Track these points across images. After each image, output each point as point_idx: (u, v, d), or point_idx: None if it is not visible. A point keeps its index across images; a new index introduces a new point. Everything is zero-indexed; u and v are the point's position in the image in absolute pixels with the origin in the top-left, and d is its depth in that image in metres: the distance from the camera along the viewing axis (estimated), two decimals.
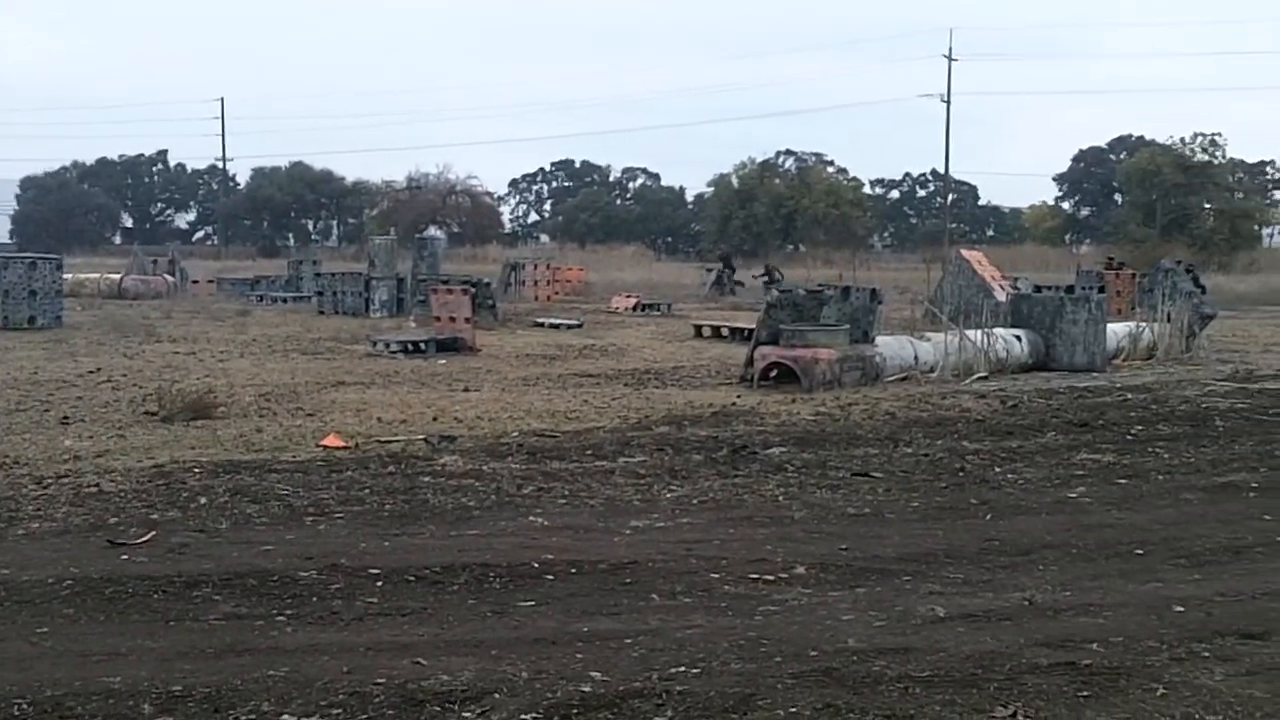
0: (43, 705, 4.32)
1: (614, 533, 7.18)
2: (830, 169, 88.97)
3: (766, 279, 35.05)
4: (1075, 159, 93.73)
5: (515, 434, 10.54)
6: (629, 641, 5.19)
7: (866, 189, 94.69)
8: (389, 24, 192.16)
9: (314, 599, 5.76)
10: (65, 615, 5.44)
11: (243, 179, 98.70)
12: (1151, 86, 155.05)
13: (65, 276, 26.29)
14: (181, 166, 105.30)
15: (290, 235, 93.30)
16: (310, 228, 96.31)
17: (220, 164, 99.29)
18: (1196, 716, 4.34)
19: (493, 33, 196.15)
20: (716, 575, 6.24)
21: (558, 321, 24.53)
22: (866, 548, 6.85)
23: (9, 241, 78.70)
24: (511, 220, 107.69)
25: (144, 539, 6.77)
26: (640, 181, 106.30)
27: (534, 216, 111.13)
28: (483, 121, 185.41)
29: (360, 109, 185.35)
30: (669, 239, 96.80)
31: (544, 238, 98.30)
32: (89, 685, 4.52)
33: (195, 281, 37.12)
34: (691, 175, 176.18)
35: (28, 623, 5.31)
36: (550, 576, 6.21)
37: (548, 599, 5.85)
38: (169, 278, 36.22)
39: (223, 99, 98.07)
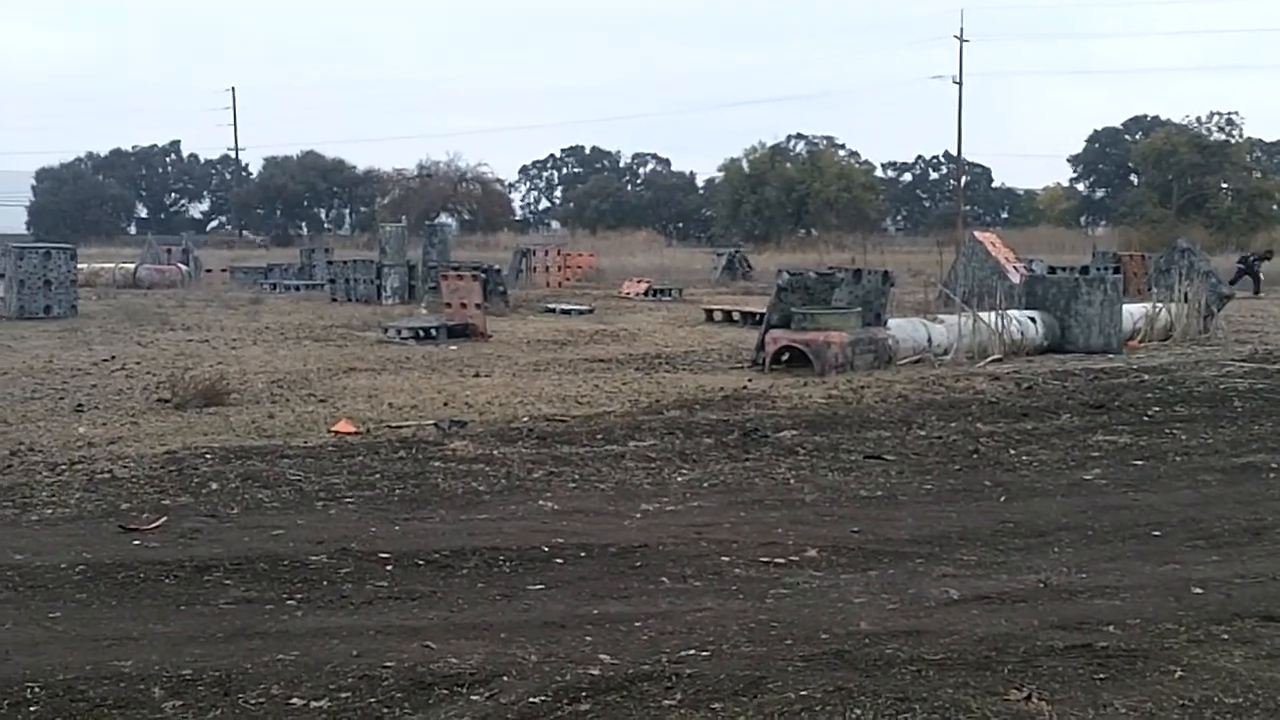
0: (54, 689, 4.31)
1: (624, 516, 7.16)
2: (842, 152, 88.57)
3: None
4: (1090, 140, 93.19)
5: (526, 419, 10.52)
6: (639, 625, 5.16)
7: (879, 172, 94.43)
8: (398, 11, 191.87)
9: (324, 583, 5.75)
10: (77, 600, 5.44)
11: (255, 168, 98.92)
12: (1167, 65, 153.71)
13: (80, 266, 26.33)
14: (194, 157, 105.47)
15: (303, 224, 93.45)
16: (322, 216, 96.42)
17: (233, 154, 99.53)
18: (1215, 699, 4.30)
19: (502, 19, 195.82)
20: (727, 558, 6.21)
21: (568, 307, 24.50)
22: (879, 530, 6.82)
23: (25, 232, 78.87)
24: (522, 207, 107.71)
25: (156, 524, 6.77)
26: (650, 167, 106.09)
27: (544, 203, 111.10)
28: (493, 109, 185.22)
29: (371, 97, 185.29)
30: (680, 224, 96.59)
31: (555, 224, 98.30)
32: (100, 669, 4.52)
33: (209, 270, 37.18)
34: (702, 160, 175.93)
35: (40, 607, 5.31)
36: (560, 560, 6.19)
37: (557, 582, 5.83)
38: (183, 267, 36.28)
39: (234, 89, 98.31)
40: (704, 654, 4.76)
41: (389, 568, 6.00)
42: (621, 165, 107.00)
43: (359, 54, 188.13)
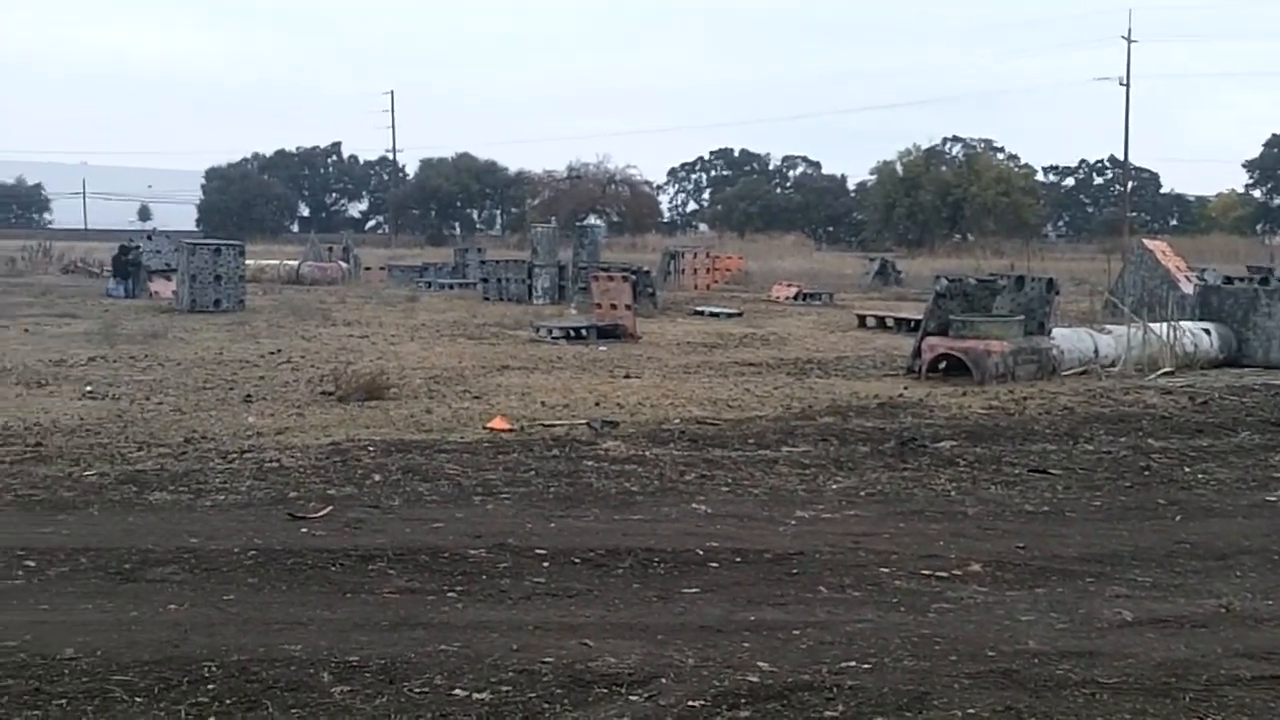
0: (230, 669, 4.46)
1: (778, 522, 7.08)
2: (1000, 156, 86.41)
3: None
4: (1268, 144, 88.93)
5: (677, 421, 10.51)
6: (796, 633, 5.08)
7: (1039, 176, 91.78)
8: (552, 12, 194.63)
9: (483, 577, 5.82)
10: (249, 584, 5.62)
11: (411, 170, 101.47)
12: None
13: (247, 262, 27.38)
14: (354, 158, 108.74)
15: (456, 224, 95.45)
16: (475, 217, 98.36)
17: (391, 155, 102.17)
18: None
19: (653, 21, 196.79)
20: (886, 570, 6.08)
21: (717, 310, 24.44)
22: (1045, 547, 6.58)
23: (195, 229, 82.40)
24: (670, 209, 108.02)
25: (322, 513, 6.96)
26: (800, 170, 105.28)
27: (692, 205, 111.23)
28: (642, 111, 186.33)
29: (524, 99, 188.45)
30: (830, 228, 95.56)
31: (702, 226, 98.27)
32: (271, 652, 4.65)
33: (367, 268, 38.31)
34: (853, 163, 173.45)
35: (215, 589, 5.51)
36: (714, 564, 6.15)
37: (712, 586, 5.79)
38: (343, 264, 37.47)
39: (393, 92, 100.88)
40: (865, 666, 4.66)
41: (545, 564, 6.05)
42: (771, 168, 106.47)
43: (513, 56, 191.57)
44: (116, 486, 7.67)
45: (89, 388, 12.21)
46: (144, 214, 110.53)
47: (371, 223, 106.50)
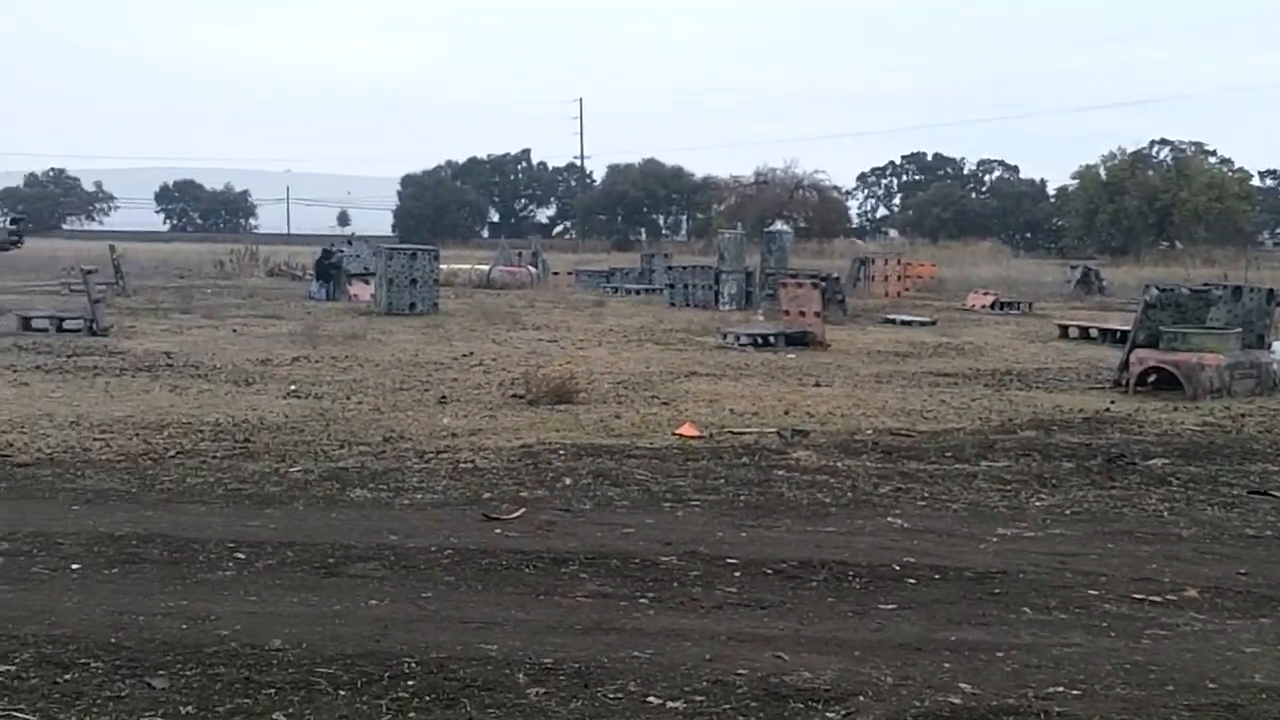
0: (429, 665, 4.54)
1: (978, 539, 6.82)
2: (1212, 159, 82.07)
3: None
4: None
5: (869, 431, 10.29)
6: (1000, 655, 4.87)
7: (1255, 181, 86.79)
8: (740, 18, 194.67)
9: (674, 584, 5.78)
10: (446, 582, 5.72)
11: (599, 175, 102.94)
12: None
13: (440, 267, 28.18)
14: (543, 164, 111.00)
15: (642, 229, 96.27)
16: (661, 222, 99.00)
17: (579, 161, 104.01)
18: None
19: (842, 24, 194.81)
20: (1095, 592, 5.78)
21: (909, 318, 23.92)
22: (1270, 574, 6.15)
23: (391, 234, 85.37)
24: (859, 215, 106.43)
25: (515, 515, 7.05)
26: (997, 174, 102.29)
27: (882, 211, 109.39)
28: (831, 115, 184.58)
29: (710, 105, 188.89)
30: (1027, 234, 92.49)
31: (892, 232, 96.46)
32: (468, 650, 4.71)
33: (555, 273, 38.95)
34: (1053, 168, 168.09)
35: (413, 586, 5.63)
36: (912, 580, 5.96)
37: (910, 603, 5.60)
38: (532, 269, 38.21)
39: (581, 99, 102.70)
40: (1074, 693, 4.42)
41: (737, 574, 5.97)
42: (965, 172, 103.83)
43: (701, 62, 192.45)
44: (320, 483, 7.95)
45: (293, 387, 12.72)
46: (343, 219, 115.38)
47: (559, 228, 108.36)
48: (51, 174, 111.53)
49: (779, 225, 37.67)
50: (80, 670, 4.47)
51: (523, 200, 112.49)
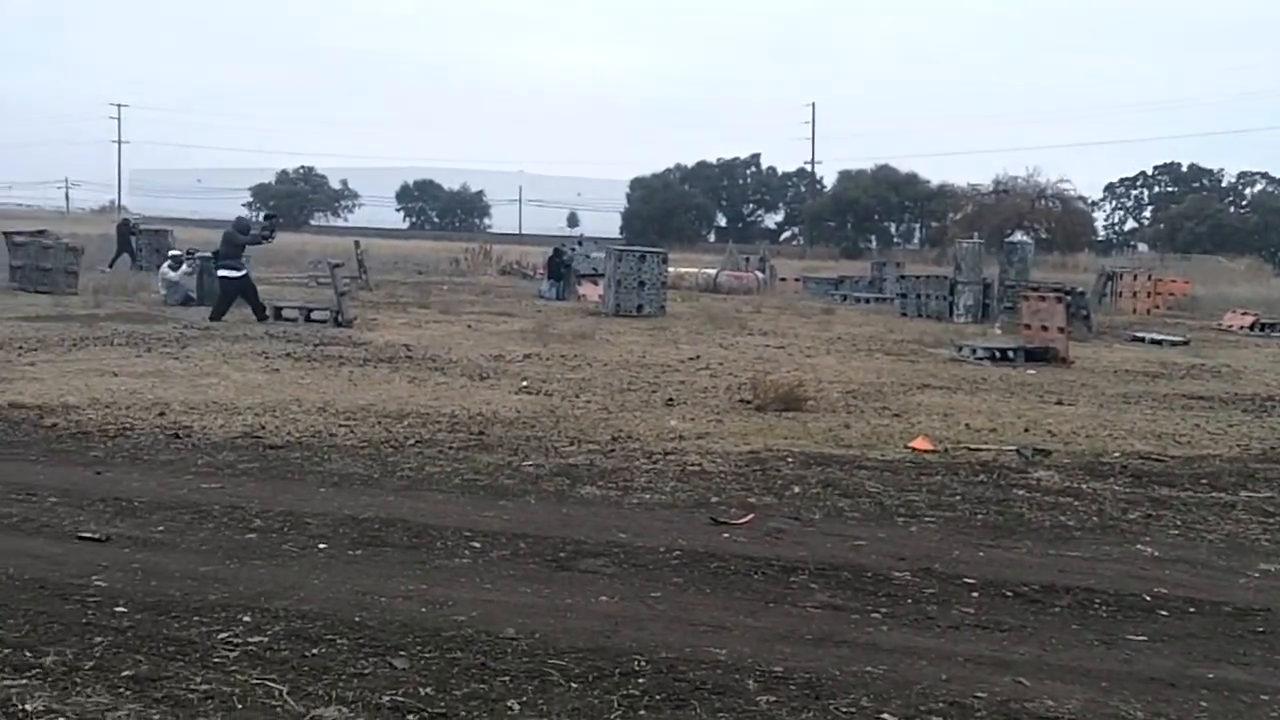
0: (659, 665, 4.53)
1: (1238, 573, 6.35)
2: None
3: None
4: None
5: (1116, 454, 9.75)
6: (1265, 698, 4.52)
7: None
8: (982, 19, 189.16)
9: (908, 600, 5.60)
10: (674, 584, 5.71)
11: (829, 181, 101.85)
12: None
13: (668, 270, 28.40)
14: (772, 169, 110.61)
15: (872, 237, 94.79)
16: (892, 230, 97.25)
17: (809, 167, 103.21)
18: None
19: (1092, 28, 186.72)
20: None
21: (1159, 337, 22.63)
22: None
23: (618, 236, 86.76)
24: (1105, 227, 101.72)
25: (743, 520, 6.99)
26: (1259, 187, 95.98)
27: (1131, 224, 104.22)
28: (1077, 122, 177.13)
29: (947, 111, 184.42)
30: None
31: (1141, 246, 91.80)
32: (697, 653, 4.68)
33: (782, 279, 38.75)
34: None
35: (642, 586, 5.64)
36: (1164, 612, 5.59)
37: (1162, 636, 5.26)
38: (759, 274, 38.09)
39: (814, 104, 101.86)
40: None
41: (974, 594, 5.74)
42: (1224, 185, 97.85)
43: (937, 68, 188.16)
44: (551, 478, 8.08)
45: (524, 383, 13.02)
46: (572, 220, 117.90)
47: (786, 234, 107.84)
48: (301, 171, 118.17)
49: (1019, 236, 36.27)
50: (327, 646, 4.65)
51: (750, 205, 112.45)
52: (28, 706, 3.93)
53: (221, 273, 19.87)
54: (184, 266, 23.10)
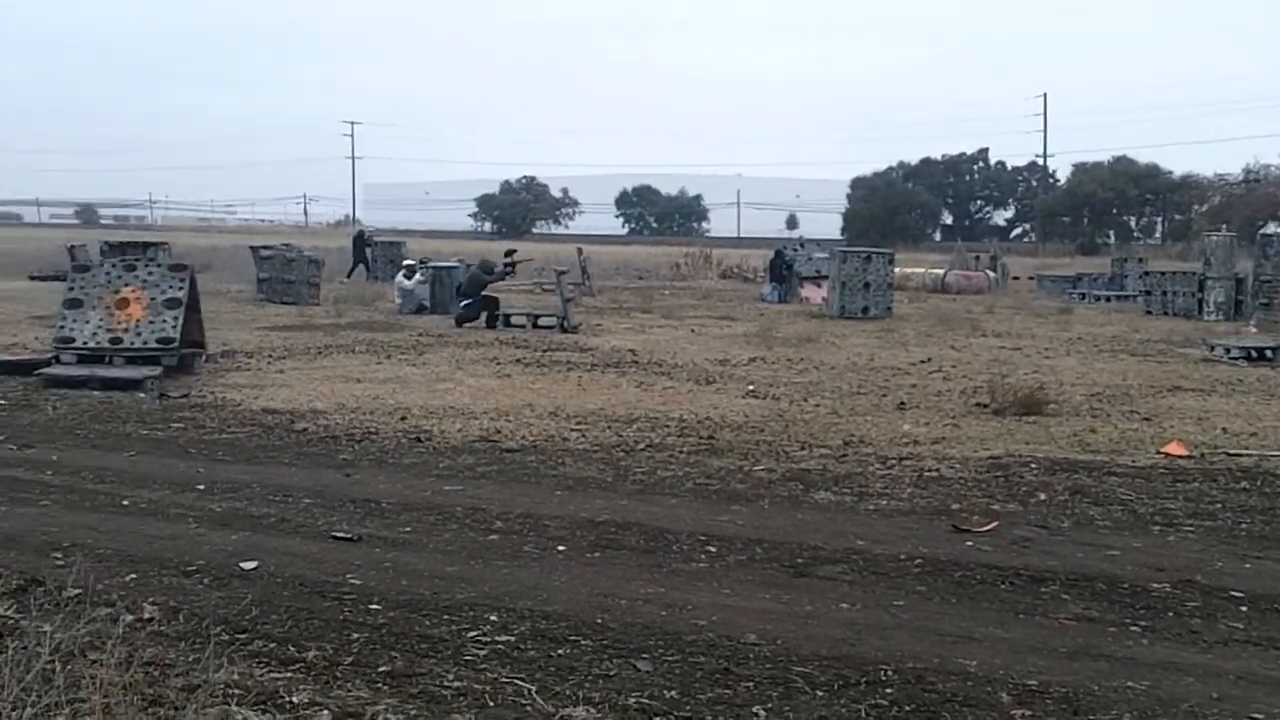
0: (905, 675, 4.40)
1: None
2: None
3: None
4: None
5: None
6: None
7: None
8: (1224, 5, 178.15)
9: (1169, 614, 5.27)
10: (917, 592, 5.55)
11: (1062, 175, 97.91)
12: None
13: (894, 270, 27.87)
14: (1001, 164, 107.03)
15: (1110, 232, 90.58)
16: (1132, 224, 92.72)
17: (1040, 160, 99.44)
18: None
19: None
20: None
21: None
22: None
23: (839, 237, 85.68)
24: None
25: (987, 528, 6.74)
26: None
27: None
28: None
29: (1192, 98, 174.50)
30: None
31: None
32: (945, 664, 4.53)
33: (1014, 278, 37.49)
34: None
35: (884, 594, 5.50)
36: None
37: None
38: (989, 274, 36.95)
39: (1045, 95, 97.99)
40: None
41: (1242, 608, 5.36)
42: None
43: (1178, 54, 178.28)
44: (783, 483, 8.01)
45: (751, 387, 12.97)
46: (791, 222, 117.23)
47: (1017, 231, 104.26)
48: (523, 181, 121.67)
49: (1273, 228, 33.99)
50: (571, 646, 4.72)
51: (978, 201, 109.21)
52: (294, 699, 4.11)
53: (464, 304, 20.71)
54: (417, 276, 24.12)
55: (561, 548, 6.30)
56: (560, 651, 4.66)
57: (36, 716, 3.57)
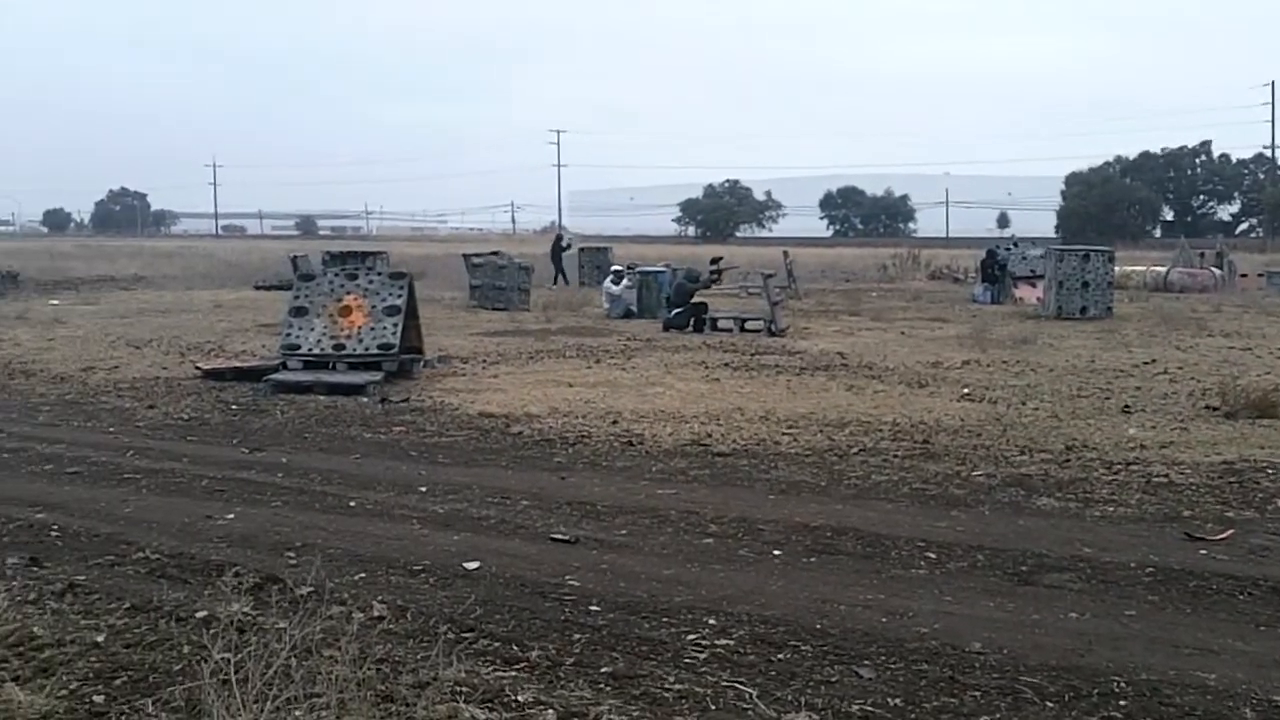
0: (1140, 687, 4.27)
1: None
2: None
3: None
4: None
5: None
6: None
7: None
8: None
9: None
10: (1150, 602, 5.36)
11: None
12: None
13: (1113, 269, 26.72)
14: (1225, 157, 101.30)
15: None
16: None
17: (1267, 152, 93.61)
18: None
19: None
20: None
21: None
22: None
23: (1053, 235, 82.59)
24: None
25: (1222, 536, 6.44)
26: None
27: None
28: None
29: None
30: None
31: None
32: (1183, 677, 4.37)
33: (1243, 275, 35.44)
34: None
35: (1114, 604, 5.33)
36: None
37: None
38: (1215, 271, 35.04)
39: (1273, 83, 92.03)
40: None
41: None
42: None
43: None
44: (1004, 488, 7.83)
45: (965, 390, 12.67)
46: (1002, 221, 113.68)
47: (1243, 226, 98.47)
48: (727, 185, 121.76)
49: None
50: (791, 651, 4.75)
51: (1200, 196, 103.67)
52: (519, 698, 4.23)
53: (673, 313, 20.98)
54: (625, 281, 24.49)
55: (777, 552, 6.32)
56: (780, 656, 4.69)
57: (278, 710, 3.76)
